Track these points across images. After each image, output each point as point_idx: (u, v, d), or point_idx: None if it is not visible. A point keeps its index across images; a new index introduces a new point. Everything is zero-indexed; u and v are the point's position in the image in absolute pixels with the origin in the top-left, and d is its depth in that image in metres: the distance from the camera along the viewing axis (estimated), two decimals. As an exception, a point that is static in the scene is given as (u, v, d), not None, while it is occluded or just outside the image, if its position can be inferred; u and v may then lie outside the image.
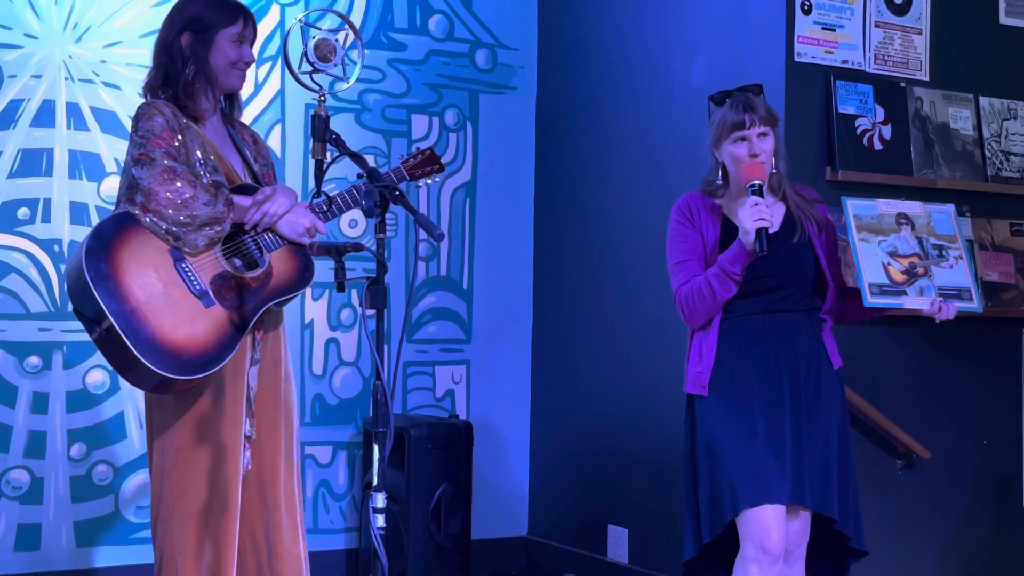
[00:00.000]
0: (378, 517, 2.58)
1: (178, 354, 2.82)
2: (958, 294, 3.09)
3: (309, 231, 3.00)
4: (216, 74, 3.05)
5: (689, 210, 3.18)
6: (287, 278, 3.03)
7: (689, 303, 3.10)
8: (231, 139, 3.15)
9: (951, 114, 4.25)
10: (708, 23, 4.29)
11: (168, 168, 2.88)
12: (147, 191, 2.86)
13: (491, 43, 5.11)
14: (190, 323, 2.85)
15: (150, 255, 2.86)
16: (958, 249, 3.16)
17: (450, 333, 5.02)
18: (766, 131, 3.11)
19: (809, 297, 3.16)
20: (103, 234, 2.85)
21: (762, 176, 3.06)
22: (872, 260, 3.06)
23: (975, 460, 4.23)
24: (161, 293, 2.84)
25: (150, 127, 2.93)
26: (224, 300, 2.91)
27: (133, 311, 2.80)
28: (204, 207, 2.88)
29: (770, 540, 3.01)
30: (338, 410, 4.77)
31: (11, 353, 4.23)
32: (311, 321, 4.73)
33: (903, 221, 3.15)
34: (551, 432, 5.07)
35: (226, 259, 2.95)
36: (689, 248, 3.15)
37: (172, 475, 2.95)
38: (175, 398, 2.94)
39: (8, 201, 4.25)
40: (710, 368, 3.10)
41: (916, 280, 3.07)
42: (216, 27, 3.04)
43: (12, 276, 4.23)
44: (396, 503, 4.41)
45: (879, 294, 3.04)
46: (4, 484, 4.21)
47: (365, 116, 4.84)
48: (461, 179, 5.04)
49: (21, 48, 4.27)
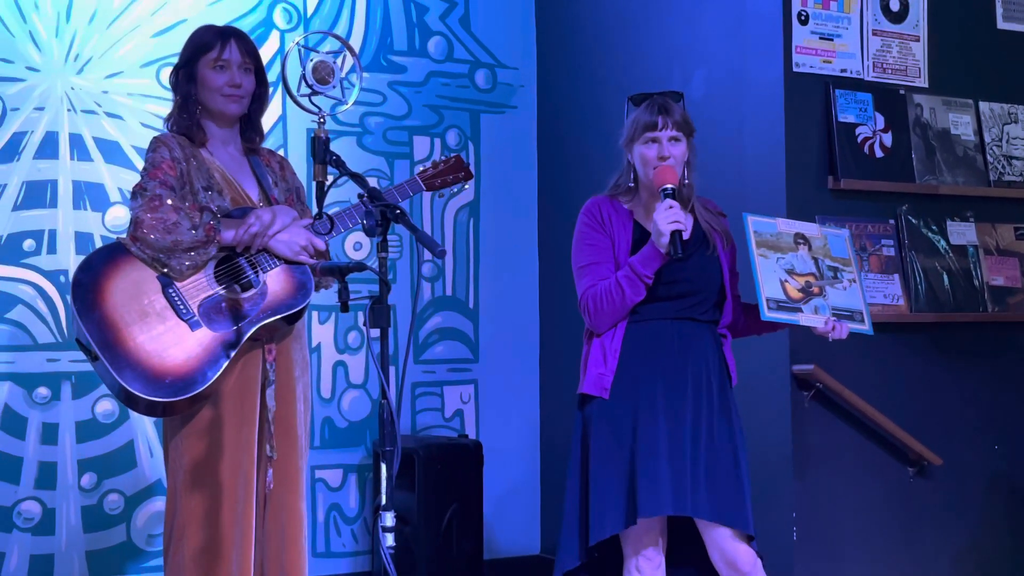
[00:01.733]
0: (388, 536, 2.58)
1: (162, 377, 2.87)
2: (851, 315, 3.16)
3: (306, 249, 3.02)
4: (207, 104, 3.11)
5: (600, 213, 3.16)
6: (284, 295, 3.03)
7: (597, 305, 3.07)
8: (249, 165, 3.17)
9: (951, 120, 4.25)
10: (706, 36, 4.30)
11: (156, 196, 2.95)
12: (135, 220, 2.95)
13: (490, 63, 5.13)
14: (175, 347, 2.90)
15: (139, 283, 2.92)
16: (852, 273, 3.22)
17: (457, 353, 5.02)
18: (678, 136, 3.09)
19: (713, 309, 3.15)
20: (91, 266, 2.93)
21: (674, 180, 3.04)
22: (770, 276, 3.10)
23: (987, 466, 4.21)
24: (146, 320, 2.90)
25: (152, 159, 3.03)
26: (212, 322, 2.94)
27: (116, 340, 2.87)
28: (188, 232, 2.93)
29: (656, 548, 3.06)
30: (347, 433, 4.77)
31: (20, 384, 4.24)
32: (318, 345, 4.73)
33: (800, 241, 3.20)
34: (562, 449, 5.05)
35: (217, 281, 2.98)
36: (598, 251, 3.13)
37: (182, 494, 2.99)
38: (181, 420, 2.98)
39: (13, 233, 4.27)
40: (614, 371, 3.07)
41: (811, 299, 3.13)
42: (194, 59, 3.10)
43: (19, 308, 4.25)
44: (407, 524, 4.39)
45: (776, 309, 3.08)
46: (16, 516, 4.21)
47: (367, 139, 4.86)
48: (464, 199, 5.05)
49: (23, 81, 4.30)
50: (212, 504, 2.97)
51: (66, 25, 4.37)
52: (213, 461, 2.98)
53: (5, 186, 4.27)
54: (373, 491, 4.71)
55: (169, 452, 3.04)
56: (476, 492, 4.54)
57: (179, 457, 3.00)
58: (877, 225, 4.05)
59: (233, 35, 3.13)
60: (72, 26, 4.37)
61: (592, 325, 3.12)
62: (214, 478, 2.97)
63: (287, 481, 3.12)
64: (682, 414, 3.04)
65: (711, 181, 3.38)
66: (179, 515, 2.99)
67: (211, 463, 2.98)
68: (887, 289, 4.01)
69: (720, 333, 3.17)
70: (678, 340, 3.08)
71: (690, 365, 3.08)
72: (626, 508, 3.01)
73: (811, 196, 3.94)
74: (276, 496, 3.09)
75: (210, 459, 2.98)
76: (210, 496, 2.97)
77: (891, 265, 4.04)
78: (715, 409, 3.08)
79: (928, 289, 4.08)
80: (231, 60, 3.10)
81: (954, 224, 4.19)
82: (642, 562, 3.10)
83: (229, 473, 2.99)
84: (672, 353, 3.08)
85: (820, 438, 3.92)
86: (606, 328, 3.10)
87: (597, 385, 3.09)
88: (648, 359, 3.07)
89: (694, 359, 3.08)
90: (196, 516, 2.97)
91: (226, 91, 3.09)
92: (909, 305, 4.04)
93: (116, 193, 4.39)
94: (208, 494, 2.97)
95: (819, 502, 3.91)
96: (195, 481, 2.98)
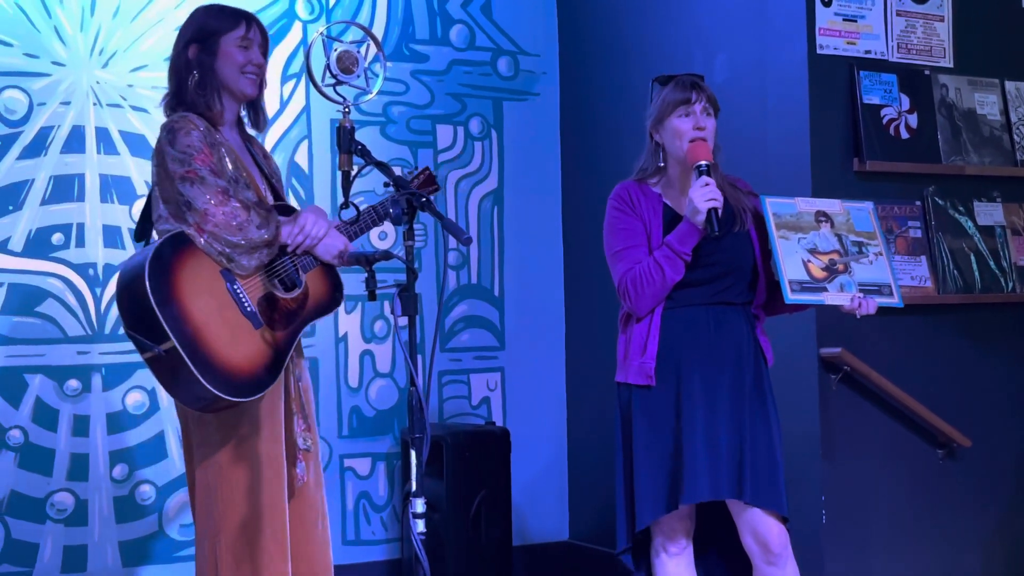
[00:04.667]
0: (418, 523, 2.59)
1: (232, 375, 2.84)
2: (878, 290, 3.13)
3: (342, 253, 3.05)
4: (225, 80, 3.06)
5: (630, 197, 3.16)
6: (322, 299, 3.08)
7: (637, 288, 3.06)
8: (249, 153, 3.16)
9: (977, 100, 4.23)
10: (728, 20, 4.29)
11: (222, 188, 2.90)
12: (202, 212, 2.87)
13: (512, 50, 5.13)
14: (243, 345, 2.88)
15: (205, 276, 2.88)
16: (878, 246, 3.19)
17: (483, 341, 5.03)
18: (709, 110, 3.11)
19: (747, 290, 3.14)
20: (163, 256, 2.85)
21: (708, 156, 3.04)
22: (792, 257, 3.08)
23: (1016, 447, 4.19)
24: (217, 315, 2.86)
25: (190, 142, 2.94)
26: (270, 321, 2.94)
27: (194, 333, 2.81)
28: (257, 230, 2.90)
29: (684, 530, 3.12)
30: (375, 422, 4.79)
31: (51, 377, 4.28)
32: (345, 334, 4.75)
33: (822, 219, 3.18)
34: (589, 434, 5.07)
35: (268, 279, 2.98)
36: (632, 235, 3.13)
37: (218, 491, 2.96)
38: (216, 417, 2.96)
39: (42, 227, 4.30)
40: (654, 357, 3.08)
41: (836, 276, 3.10)
42: (218, 33, 3.05)
43: (49, 301, 4.28)
44: (436, 512, 4.41)
45: (799, 291, 3.06)
46: (49, 507, 4.25)
47: (390, 128, 4.87)
48: (488, 187, 5.06)
49: (49, 76, 4.33)
50: (256, 480, 2.96)
51: (90, 19, 4.39)
52: (255, 444, 2.97)
53: (33, 181, 4.30)
54: (402, 479, 4.73)
55: (196, 440, 3.01)
56: (504, 479, 4.55)
57: (214, 446, 2.97)
58: (904, 207, 4.03)
59: (254, 17, 3.14)
60: (96, 20, 4.40)
61: (633, 308, 3.12)
62: (257, 457, 2.97)
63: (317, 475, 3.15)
64: (720, 399, 3.05)
65: (735, 165, 3.37)
66: (216, 507, 2.96)
67: (253, 445, 2.97)
68: (914, 271, 3.99)
69: (753, 314, 3.16)
70: (714, 325, 3.09)
71: (726, 350, 3.08)
72: (667, 495, 3.04)
73: (836, 179, 3.92)
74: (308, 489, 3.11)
75: (252, 442, 2.97)
76: (254, 472, 2.96)
77: (918, 247, 4.03)
78: (751, 392, 3.08)
79: (955, 270, 4.06)
80: (254, 40, 3.10)
81: (981, 205, 4.17)
82: (669, 544, 3.13)
83: (271, 451, 2.99)
84: (708, 339, 3.08)
85: (848, 421, 3.92)
86: (647, 311, 3.10)
87: (641, 374, 3.11)
88: (685, 346, 3.08)
89: (730, 344, 3.09)
90: (243, 491, 2.95)
91: (248, 69, 3.08)
92: (937, 287, 4.02)
93: (143, 186, 4.42)
94: (252, 471, 2.96)
95: (848, 485, 3.90)
96: (239, 456, 2.96)
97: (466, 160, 5.02)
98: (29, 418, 4.24)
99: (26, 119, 4.29)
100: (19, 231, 4.28)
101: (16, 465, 4.21)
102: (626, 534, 3.16)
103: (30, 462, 4.23)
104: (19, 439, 4.23)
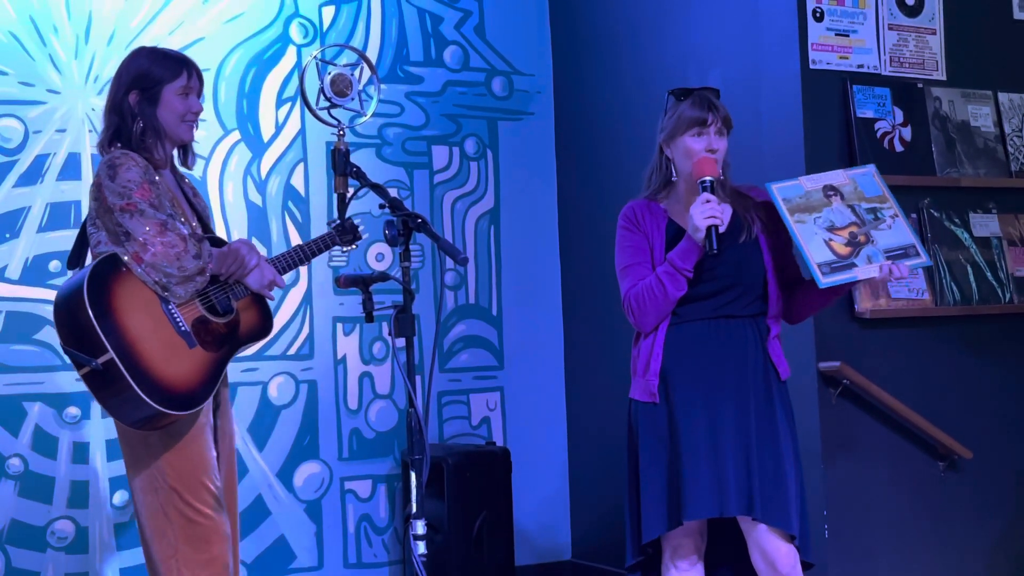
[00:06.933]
0: (420, 544, 2.59)
1: (169, 389, 2.95)
2: (904, 252, 3.06)
3: (272, 284, 3.17)
4: (165, 128, 3.16)
5: (635, 215, 3.16)
6: (252, 326, 3.22)
7: (640, 303, 3.07)
8: (181, 191, 3.26)
9: (970, 112, 4.24)
10: (721, 36, 4.31)
11: (160, 221, 3.01)
12: (141, 242, 2.98)
13: (506, 70, 5.14)
14: (178, 361, 2.99)
15: (140, 296, 3.00)
16: (891, 207, 3.13)
17: (482, 360, 5.03)
18: (723, 131, 3.11)
19: (757, 301, 3.12)
20: (101, 273, 2.97)
21: (715, 172, 3.03)
22: (814, 240, 3.03)
23: (1018, 458, 4.18)
24: (152, 332, 2.97)
25: (131, 177, 3.04)
26: (204, 342, 3.06)
27: (131, 347, 2.92)
28: (193, 260, 3.01)
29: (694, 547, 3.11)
30: (375, 444, 4.78)
31: (50, 405, 4.27)
32: (344, 356, 4.75)
33: (831, 192, 3.12)
34: (590, 453, 5.06)
35: (201, 304, 3.09)
36: (636, 252, 3.13)
37: (169, 512, 3.05)
38: (159, 435, 3.04)
39: (39, 255, 4.31)
40: (657, 374, 3.08)
41: (861, 248, 3.04)
42: (161, 83, 3.14)
43: (47, 328, 4.28)
44: (438, 533, 4.40)
45: (830, 272, 3.01)
46: (50, 535, 4.24)
47: (386, 150, 4.88)
48: (484, 207, 5.07)
49: (44, 104, 4.34)
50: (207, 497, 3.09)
51: (85, 47, 4.40)
52: (202, 462, 3.08)
53: (29, 208, 4.31)
54: (403, 501, 4.72)
55: (140, 461, 3.09)
56: (505, 499, 4.54)
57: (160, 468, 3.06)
58: (899, 219, 4.03)
59: (193, 63, 3.22)
60: (91, 48, 4.41)
61: (637, 324, 3.13)
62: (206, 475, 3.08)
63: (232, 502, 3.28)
64: (723, 415, 3.04)
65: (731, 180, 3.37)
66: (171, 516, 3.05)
67: (200, 463, 3.08)
68: (912, 283, 4.00)
69: (767, 325, 3.13)
70: (716, 339, 3.07)
71: (730, 364, 3.06)
72: (670, 511, 3.03)
73: (832, 192, 3.93)
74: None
75: (199, 460, 3.08)
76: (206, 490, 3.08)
77: (915, 259, 4.02)
78: (758, 407, 3.06)
79: (953, 282, 4.06)
80: (194, 88, 3.19)
81: (977, 216, 4.18)
82: (680, 562, 3.12)
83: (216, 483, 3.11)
84: (710, 353, 3.07)
85: (849, 435, 3.91)
86: (651, 326, 3.10)
87: (644, 391, 3.10)
88: (687, 361, 3.07)
89: (734, 357, 3.07)
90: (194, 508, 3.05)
91: (188, 118, 3.18)
92: (934, 299, 4.02)
93: (139, 212, 4.42)
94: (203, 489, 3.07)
95: (850, 499, 3.89)
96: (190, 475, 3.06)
97: (462, 180, 5.03)
98: (29, 446, 4.23)
99: (22, 147, 4.30)
100: (16, 259, 4.28)
101: (16, 494, 4.20)
102: (634, 550, 3.15)
103: (30, 490, 4.22)
104: (19, 467, 4.22)
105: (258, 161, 4.66)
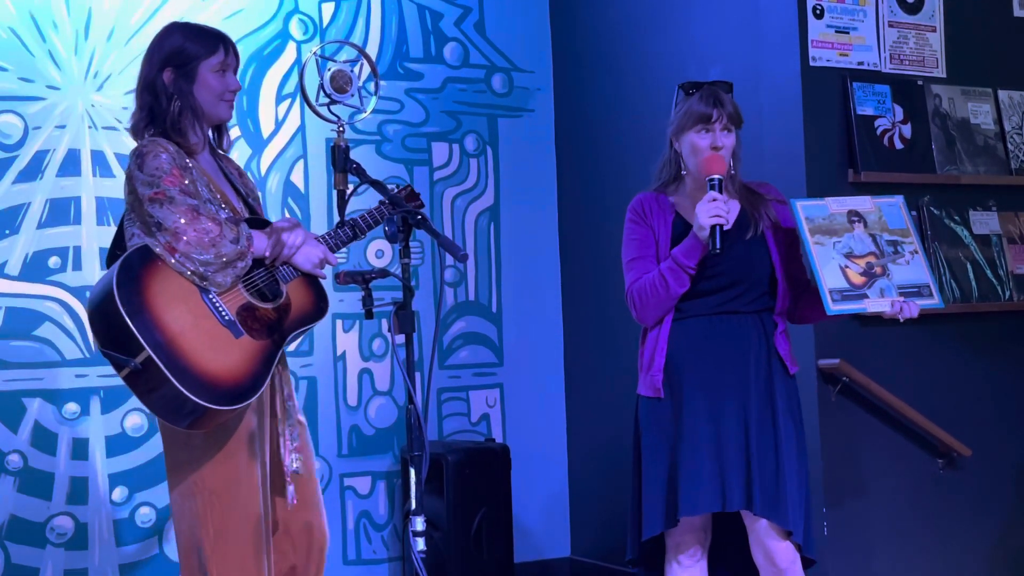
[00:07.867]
0: (418, 541, 2.59)
1: (215, 384, 2.76)
2: (918, 291, 3.03)
3: (323, 262, 2.99)
4: (203, 107, 2.98)
5: (642, 208, 3.16)
6: (305, 309, 3.01)
7: (642, 298, 3.07)
8: (222, 172, 3.10)
9: (971, 109, 4.24)
10: (721, 33, 4.30)
11: (191, 207, 2.83)
12: (173, 231, 2.80)
13: (506, 67, 5.14)
14: (223, 354, 2.80)
15: (177, 287, 2.81)
16: (912, 243, 3.09)
17: (482, 357, 5.03)
18: (730, 127, 3.10)
19: (763, 297, 3.11)
20: (131, 267, 2.79)
21: (722, 170, 3.03)
22: (830, 264, 3.01)
23: (1017, 456, 4.19)
24: (193, 325, 2.79)
25: (158, 165, 2.86)
26: (251, 330, 2.88)
27: (170, 342, 2.74)
28: (230, 244, 2.84)
29: (697, 542, 3.11)
30: (375, 440, 4.78)
31: (49, 401, 4.27)
32: (343, 353, 4.75)
33: (855, 219, 3.10)
34: (589, 450, 5.06)
35: (247, 290, 2.92)
36: (642, 245, 3.13)
37: (207, 519, 2.89)
38: (204, 438, 2.88)
39: (39, 251, 4.31)
40: (661, 369, 3.08)
41: (875, 281, 3.02)
42: (197, 59, 2.96)
43: (47, 325, 4.28)
44: (437, 530, 4.41)
45: (840, 300, 2.98)
46: (49, 531, 4.24)
47: (386, 147, 4.88)
48: (484, 204, 5.07)
49: (44, 100, 4.34)
50: (251, 503, 2.91)
51: (84, 43, 4.40)
52: (248, 466, 2.91)
53: (29, 204, 4.30)
54: (402, 498, 4.73)
55: (180, 464, 2.93)
56: (505, 495, 4.54)
57: (201, 471, 2.90)
58: (899, 217, 4.03)
59: (229, 39, 3.06)
60: (91, 44, 4.41)
61: (639, 318, 3.13)
62: (252, 479, 2.91)
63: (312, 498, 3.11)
64: (725, 410, 3.04)
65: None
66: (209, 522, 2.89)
67: (246, 467, 2.91)
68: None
69: (774, 321, 3.12)
70: (719, 335, 3.07)
71: (732, 360, 3.06)
72: (668, 510, 3.04)
73: (832, 190, 3.92)
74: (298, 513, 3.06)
75: (245, 464, 2.91)
76: (249, 495, 2.91)
77: (914, 257, 4.03)
78: (759, 402, 3.05)
79: (952, 280, 4.06)
80: (231, 65, 3.02)
81: (977, 214, 4.18)
82: (683, 557, 3.12)
83: (263, 474, 2.95)
84: (714, 349, 3.07)
85: (848, 432, 3.91)
86: (653, 321, 3.10)
87: (649, 386, 3.11)
88: (690, 357, 3.07)
89: (737, 354, 3.06)
90: (237, 516, 2.89)
91: (227, 96, 3.01)
92: (934, 296, 4.02)
93: (139, 208, 4.42)
94: (247, 495, 2.90)
95: (849, 496, 3.90)
96: (233, 480, 2.90)
97: (462, 177, 5.03)
98: (28, 442, 4.23)
99: (21, 143, 4.30)
100: (16, 255, 4.28)
101: (15, 490, 4.20)
102: (634, 546, 3.16)
103: (29, 486, 4.22)
104: (18, 463, 4.22)
105: (258, 157, 4.66)
